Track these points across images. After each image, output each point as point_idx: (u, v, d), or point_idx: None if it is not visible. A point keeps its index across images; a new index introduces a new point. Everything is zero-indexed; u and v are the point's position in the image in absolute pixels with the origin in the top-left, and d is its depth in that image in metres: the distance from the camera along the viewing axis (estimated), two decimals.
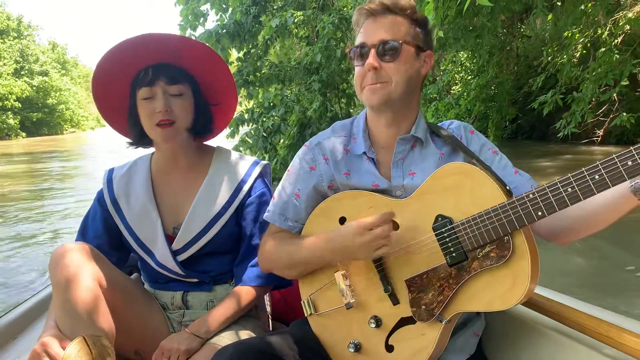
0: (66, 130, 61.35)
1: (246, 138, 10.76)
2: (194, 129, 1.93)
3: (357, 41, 1.59)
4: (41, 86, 56.71)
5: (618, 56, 8.16)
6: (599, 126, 10.06)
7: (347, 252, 1.52)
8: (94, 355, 1.47)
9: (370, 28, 1.56)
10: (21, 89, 53.05)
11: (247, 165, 2.02)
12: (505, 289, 1.35)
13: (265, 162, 2.08)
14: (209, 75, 1.94)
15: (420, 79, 1.64)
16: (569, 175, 1.24)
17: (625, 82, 7.75)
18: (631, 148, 1.16)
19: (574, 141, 12.08)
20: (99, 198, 2.02)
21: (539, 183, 1.47)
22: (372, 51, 1.53)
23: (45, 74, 58.74)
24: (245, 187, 1.96)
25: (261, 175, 2.02)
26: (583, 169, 1.22)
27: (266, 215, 1.79)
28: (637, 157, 1.15)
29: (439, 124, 1.73)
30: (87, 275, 1.62)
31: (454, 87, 19.09)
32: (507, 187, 1.42)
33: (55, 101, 58.63)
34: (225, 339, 1.76)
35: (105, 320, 1.61)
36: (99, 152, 29.41)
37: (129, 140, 2.00)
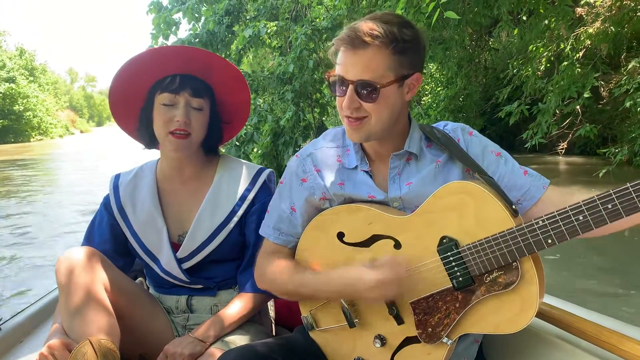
0: (33, 137, 59.97)
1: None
2: (205, 144, 1.94)
3: (337, 70, 1.49)
4: (8, 93, 55.31)
5: (580, 70, 8.46)
6: (564, 137, 10.36)
7: (358, 298, 1.52)
8: (99, 358, 1.50)
9: (349, 61, 1.45)
10: None
11: (251, 174, 2.01)
12: (513, 313, 1.34)
13: (269, 169, 2.08)
14: (232, 96, 1.96)
15: (404, 105, 1.55)
16: (581, 203, 1.21)
17: (587, 95, 8.02)
18: None
19: (540, 152, 12.42)
20: (106, 204, 2.03)
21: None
22: (351, 88, 1.45)
23: (12, 80, 57.41)
24: (250, 196, 1.97)
25: (265, 184, 2.02)
26: (595, 196, 1.19)
27: (261, 230, 1.78)
28: None
29: (434, 125, 1.69)
30: (93, 279, 1.66)
31: (423, 98, 19.37)
32: (513, 207, 1.38)
33: (22, 108, 57.29)
34: (229, 343, 1.77)
35: (111, 324, 1.64)
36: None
37: (141, 143, 1.99)
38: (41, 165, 27.56)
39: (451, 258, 1.40)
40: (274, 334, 2.14)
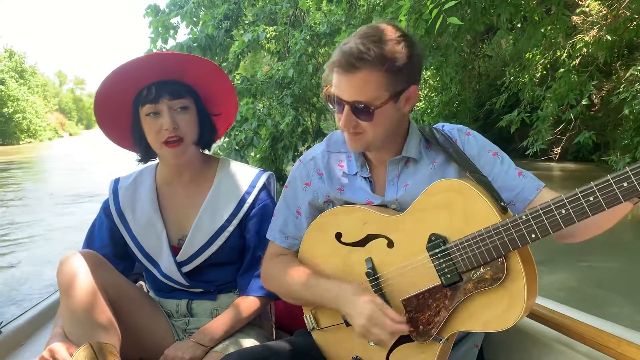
0: (22, 140, 59.53)
1: (218, 151, 10.80)
2: (200, 141, 1.93)
3: (333, 89, 1.51)
4: None
5: (576, 77, 8.57)
6: (557, 143, 10.45)
7: (348, 315, 1.52)
8: None
9: (343, 84, 1.46)
10: None
11: (251, 177, 2.01)
12: (501, 310, 1.34)
13: (269, 172, 2.07)
14: (212, 88, 1.94)
15: (403, 116, 1.57)
16: (562, 196, 1.22)
17: (586, 102, 8.12)
18: (627, 169, 1.13)
19: (532, 158, 12.54)
20: (105, 208, 2.02)
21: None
22: (347, 108, 1.48)
23: (1, 82, 57.05)
24: (250, 199, 1.96)
25: (265, 187, 2.01)
26: (577, 190, 1.19)
27: (267, 234, 1.80)
28: (633, 178, 1.12)
29: (435, 126, 1.69)
30: (94, 282, 1.66)
31: (417, 104, 19.47)
32: (502, 204, 1.39)
33: (12, 110, 56.94)
34: (229, 347, 1.77)
35: (112, 327, 1.64)
36: None
37: (137, 157, 1.98)
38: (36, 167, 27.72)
39: (439, 255, 1.42)
40: (274, 337, 2.12)
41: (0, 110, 55.39)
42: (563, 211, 1.22)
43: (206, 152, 2.09)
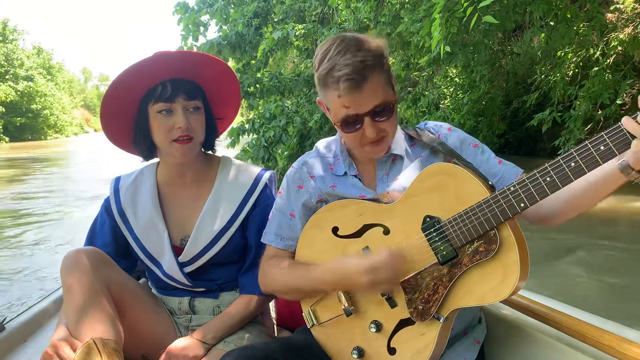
0: (50, 135, 60.60)
1: (247, 148, 10.88)
2: (205, 143, 1.96)
3: (343, 111, 1.51)
4: (26, 91, 56.16)
5: (610, 76, 8.44)
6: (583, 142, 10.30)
7: (353, 286, 1.56)
8: (103, 358, 1.51)
9: (358, 99, 1.48)
10: (5, 94, 52.55)
11: (253, 176, 2.02)
12: (497, 281, 1.38)
13: (271, 171, 2.08)
14: (221, 90, 1.97)
15: None
16: (546, 164, 1.27)
17: (620, 102, 8.02)
18: (602, 133, 1.19)
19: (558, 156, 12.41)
20: (107, 207, 2.02)
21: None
22: (367, 119, 1.51)
23: (30, 79, 58.12)
24: (252, 199, 1.97)
25: (267, 186, 2.02)
26: (559, 157, 1.26)
27: (263, 238, 1.83)
28: (608, 141, 1.19)
29: (417, 126, 1.77)
30: (97, 279, 1.67)
31: (443, 101, 19.32)
32: (490, 183, 1.44)
33: (40, 106, 58.06)
34: (231, 344, 1.80)
35: (114, 324, 1.65)
36: None
37: (139, 156, 1.98)
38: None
39: (434, 234, 1.47)
40: (275, 335, 2.14)
41: (29, 107, 56.52)
42: (548, 178, 1.28)
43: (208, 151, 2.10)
